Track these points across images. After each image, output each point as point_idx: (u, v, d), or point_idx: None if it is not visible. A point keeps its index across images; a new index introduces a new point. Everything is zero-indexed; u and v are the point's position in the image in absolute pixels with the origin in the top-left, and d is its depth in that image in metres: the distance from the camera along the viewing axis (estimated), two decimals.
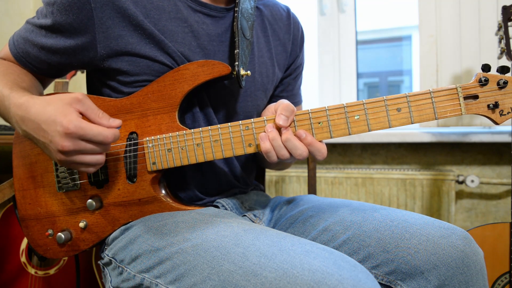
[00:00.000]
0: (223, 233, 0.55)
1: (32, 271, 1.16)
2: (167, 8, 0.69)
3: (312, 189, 1.12)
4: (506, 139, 1.35)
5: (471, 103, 0.59)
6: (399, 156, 1.58)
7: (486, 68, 0.59)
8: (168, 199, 0.68)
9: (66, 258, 1.21)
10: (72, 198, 0.71)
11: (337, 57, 1.71)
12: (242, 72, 0.68)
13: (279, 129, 0.61)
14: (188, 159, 0.66)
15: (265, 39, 0.81)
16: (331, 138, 0.61)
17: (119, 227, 0.69)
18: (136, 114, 0.69)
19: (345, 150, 1.65)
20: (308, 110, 0.61)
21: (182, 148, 0.66)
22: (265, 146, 0.60)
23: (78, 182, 0.71)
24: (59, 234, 0.70)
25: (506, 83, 0.58)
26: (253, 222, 0.71)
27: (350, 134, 0.60)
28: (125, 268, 0.62)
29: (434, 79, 1.43)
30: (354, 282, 0.44)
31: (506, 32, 1.08)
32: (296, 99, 0.93)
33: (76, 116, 0.57)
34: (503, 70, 0.58)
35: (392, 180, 1.50)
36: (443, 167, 1.52)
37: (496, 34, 1.12)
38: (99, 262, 0.72)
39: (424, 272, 0.56)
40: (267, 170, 1.35)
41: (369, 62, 2.56)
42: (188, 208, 0.67)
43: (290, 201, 0.80)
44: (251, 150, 0.63)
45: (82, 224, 0.70)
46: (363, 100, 0.60)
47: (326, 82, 1.73)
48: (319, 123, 0.61)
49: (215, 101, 0.74)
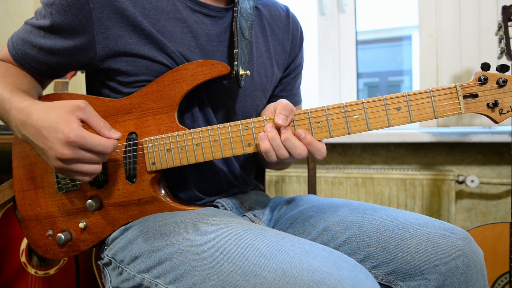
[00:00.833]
0: (223, 233, 0.55)
1: (32, 271, 1.16)
2: (166, 8, 0.68)
3: (312, 189, 1.12)
4: (506, 139, 1.35)
5: (470, 102, 0.59)
6: (399, 156, 1.58)
7: (486, 67, 0.58)
8: (168, 199, 0.68)
9: (66, 258, 1.21)
10: (72, 199, 0.71)
11: (337, 57, 1.71)
12: (241, 71, 0.68)
13: (278, 128, 0.61)
14: (188, 159, 0.66)
15: (263, 39, 0.81)
16: (331, 137, 0.61)
17: (119, 228, 0.69)
18: (136, 115, 0.69)
19: (345, 150, 1.65)
20: (307, 110, 0.61)
21: (182, 148, 0.66)
22: (264, 145, 0.60)
23: (78, 182, 0.71)
24: (59, 234, 0.70)
25: (505, 81, 0.57)
26: (252, 222, 0.71)
27: (349, 134, 0.60)
28: (124, 268, 0.62)
29: (434, 79, 1.43)
30: (353, 282, 0.44)
31: (506, 32, 1.08)
32: (295, 99, 0.93)
33: (78, 125, 0.57)
34: (503, 68, 0.58)
35: (392, 180, 1.50)
36: (443, 167, 1.52)
37: (496, 34, 1.12)
38: (99, 262, 0.72)
39: (424, 272, 0.56)
40: (267, 170, 1.35)
41: (369, 62, 2.56)
42: (188, 208, 0.67)
43: (290, 201, 0.80)
44: (250, 150, 0.63)
45: (82, 225, 0.70)
46: (363, 99, 0.60)
47: (326, 82, 1.73)
48: (319, 122, 0.61)
49: (214, 101, 0.74)
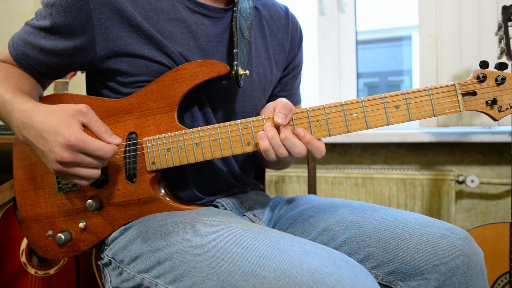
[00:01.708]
0: (223, 233, 0.55)
1: (32, 271, 1.16)
2: (166, 9, 0.69)
3: (312, 189, 1.12)
4: (506, 139, 1.35)
5: (469, 100, 0.59)
6: (399, 156, 1.58)
7: (484, 64, 0.58)
8: (168, 199, 0.68)
9: (66, 259, 1.21)
10: (72, 199, 0.71)
11: (337, 57, 1.71)
12: (241, 71, 0.68)
13: (277, 127, 0.61)
14: (187, 159, 0.66)
15: (262, 39, 0.81)
16: (330, 136, 0.61)
17: (119, 228, 0.69)
18: (135, 114, 0.69)
19: (345, 150, 1.65)
20: (306, 109, 0.61)
21: (181, 148, 0.66)
22: (263, 144, 0.60)
23: None
24: (59, 234, 0.70)
25: (504, 79, 0.57)
26: (252, 222, 0.72)
27: (348, 132, 0.60)
28: (124, 268, 0.62)
29: (434, 79, 1.43)
30: (353, 282, 0.44)
31: (506, 32, 1.08)
32: (295, 99, 0.93)
33: (79, 129, 0.57)
34: (501, 66, 0.58)
35: (392, 180, 1.50)
36: (443, 167, 1.52)
37: (496, 34, 1.12)
38: (99, 263, 0.72)
39: (424, 272, 0.56)
40: (267, 170, 1.35)
41: (369, 62, 2.56)
42: (188, 207, 0.67)
43: (290, 201, 0.80)
44: (250, 149, 0.63)
45: (82, 225, 0.70)
46: (361, 98, 0.60)
47: (326, 82, 1.73)
48: (318, 121, 0.61)
49: (214, 101, 0.74)
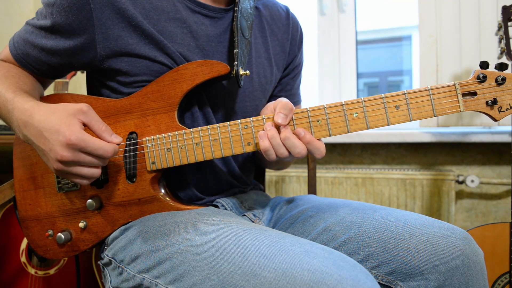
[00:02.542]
0: (223, 233, 0.55)
1: (32, 271, 1.16)
2: (166, 9, 0.69)
3: (312, 189, 1.12)
4: (506, 139, 1.35)
5: (469, 100, 0.59)
6: (399, 156, 1.58)
7: (484, 65, 0.59)
8: (168, 199, 0.68)
9: (66, 258, 1.21)
10: (72, 199, 0.71)
11: (337, 57, 1.71)
12: (241, 71, 0.68)
13: (278, 127, 0.61)
14: (188, 159, 0.66)
15: (262, 40, 0.81)
16: (330, 136, 0.61)
17: (119, 227, 0.69)
18: (136, 114, 0.69)
19: (345, 150, 1.65)
20: (306, 109, 0.61)
21: (182, 148, 0.66)
22: (264, 144, 0.60)
23: None
24: (59, 234, 0.70)
25: (504, 79, 0.57)
26: (252, 222, 0.72)
27: (348, 132, 0.60)
28: (125, 268, 0.62)
29: (434, 79, 1.43)
30: (353, 282, 0.44)
31: (506, 32, 1.08)
32: (295, 99, 0.93)
33: (79, 128, 0.57)
34: (501, 67, 0.58)
35: (392, 180, 1.50)
36: (443, 167, 1.52)
37: (496, 34, 1.12)
38: (99, 262, 0.72)
39: (424, 273, 0.56)
40: (267, 170, 1.35)
41: (369, 62, 2.56)
42: (188, 207, 0.67)
43: (290, 201, 0.80)
44: (250, 149, 0.63)
45: (82, 225, 0.70)
46: (362, 98, 0.60)
47: (326, 82, 1.73)
48: (318, 121, 0.61)
49: (214, 101, 0.74)
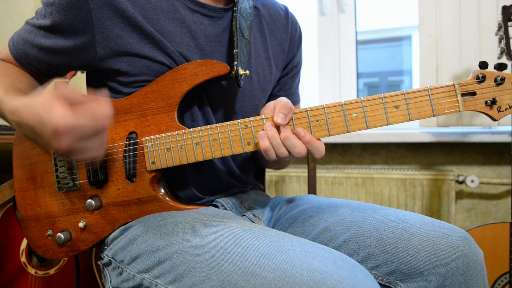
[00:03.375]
0: (223, 233, 0.55)
1: (32, 271, 1.16)
2: (166, 9, 0.69)
3: (312, 189, 1.12)
4: (506, 139, 1.35)
5: (468, 100, 0.59)
6: (399, 156, 1.58)
7: (484, 65, 0.59)
8: (167, 199, 0.68)
9: (66, 258, 1.21)
10: (72, 198, 0.71)
11: (337, 57, 1.71)
12: (241, 71, 0.68)
13: (277, 127, 0.61)
14: (187, 158, 0.66)
15: (262, 39, 0.81)
16: (330, 136, 0.61)
17: (119, 227, 0.69)
18: (136, 114, 0.69)
19: (345, 150, 1.65)
20: (306, 108, 0.61)
21: (181, 147, 0.66)
22: (264, 144, 0.60)
23: (78, 182, 0.71)
24: (59, 234, 0.70)
25: (503, 79, 0.58)
26: (252, 222, 0.71)
27: (348, 132, 0.60)
28: (124, 268, 0.62)
29: (434, 79, 1.43)
30: (353, 282, 0.44)
31: (506, 32, 1.07)
32: (294, 99, 0.93)
33: (61, 110, 0.51)
34: (501, 67, 0.58)
35: (392, 180, 1.50)
36: (443, 167, 1.52)
37: (496, 34, 1.12)
38: (99, 263, 0.72)
39: (424, 273, 0.56)
40: (267, 170, 1.35)
41: (369, 62, 2.56)
42: (187, 207, 0.67)
43: (290, 201, 0.80)
44: (250, 149, 0.63)
45: (81, 224, 0.70)
46: (361, 97, 0.60)
47: (326, 82, 1.73)
48: (318, 121, 0.61)
49: (214, 100, 0.74)
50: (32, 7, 1.76)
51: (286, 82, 0.90)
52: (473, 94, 0.59)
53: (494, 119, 0.59)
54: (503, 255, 1.08)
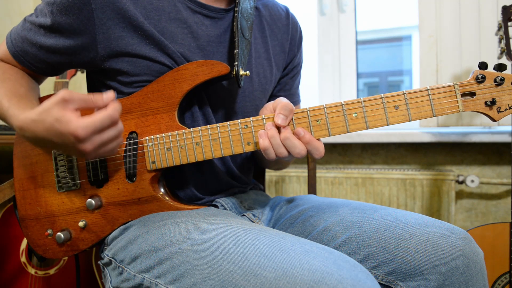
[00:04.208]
0: (223, 233, 0.55)
1: (32, 271, 1.16)
2: (167, 9, 0.69)
3: (312, 189, 1.12)
4: (506, 139, 1.35)
5: (468, 100, 0.59)
6: (399, 156, 1.58)
7: (483, 65, 0.59)
8: (167, 198, 0.68)
9: (66, 258, 1.21)
10: (72, 198, 0.71)
11: (337, 57, 1.71)
12: (241, 72, 0.68)
13: (278, 127, 0.61)
14: (187, 158, 0.66)
15: (262, 40, 0.82)
16: (329, 136, 0.61)
17: (119, 227, 0.69)
18: (136, 114, 0.69)
19: (345, 150, 1.65)
20: (306, 109, 0.61)
21: (182, 147, 0.66)
22: (263, 143, 0.60)
23: (78, 181, 0.71)
24: (59, 233, 0.70)
25: (503, 80, 0.58)
26: (252, 222, 0.72)
27: (348, 132, 0.60)
28: (125, 268, 0.62)
29: (434, 79, 1.43)
30: (353, 282, 0.44)
31: (506, 32, 1.08)
32: (294, 99, 0.93)
33: (76, 119, 0.54)
34: (500, 67, 0.58)
35: (392, 180, 1.50)
36: (443, 167, 1.52)
37: (496, 34, 1.12)
38: (99, 262, 0.72)
39: (424, 272, 0.56)
40: (267, 170, 1.35)
41: (369, 62, 2.56)
42: (187, 207, 0.67)
43: (290, 201, 0.80)
44: (250, 148, 0.63)
45: (81, 224, 0.70)
46: (361, 98, 0.60)
47: (326, 82, 1.73)
48: (317, 121, 0.61)
49: (214, 101, 0.74)
50: (32, 7, 1.76)
51: (286, 82, 0.90)
52: (472, 94, 0.59)
53: (494, 120, 0.59)
54: (503, 255, 1.08)
